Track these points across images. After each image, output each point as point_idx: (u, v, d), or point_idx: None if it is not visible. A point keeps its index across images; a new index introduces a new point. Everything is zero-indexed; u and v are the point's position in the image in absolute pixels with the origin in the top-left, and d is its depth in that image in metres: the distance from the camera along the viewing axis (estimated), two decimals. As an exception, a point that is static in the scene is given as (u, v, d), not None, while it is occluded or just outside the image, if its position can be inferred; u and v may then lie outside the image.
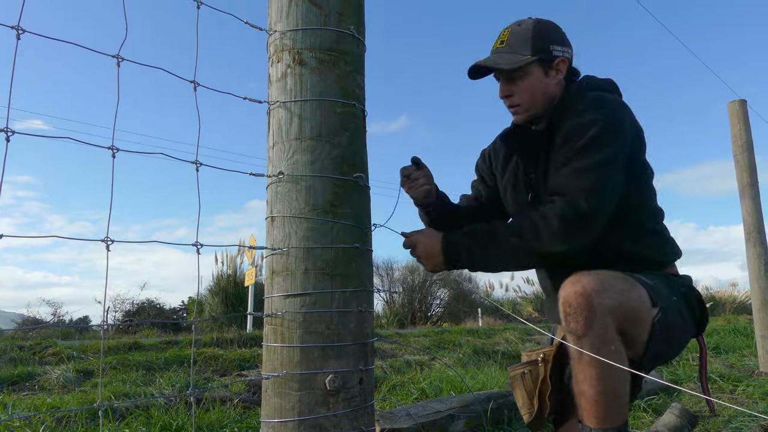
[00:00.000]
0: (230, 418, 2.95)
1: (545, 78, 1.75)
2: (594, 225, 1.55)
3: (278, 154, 1.35)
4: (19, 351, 6.04)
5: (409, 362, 5.77)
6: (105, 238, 1.06)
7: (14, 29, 0.94)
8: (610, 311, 1.43)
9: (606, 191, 1.56)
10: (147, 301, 14.39)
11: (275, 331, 1.30)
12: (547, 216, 1.54)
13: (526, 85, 1.75)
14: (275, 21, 1.41)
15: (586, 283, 1.45)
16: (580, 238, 1.55)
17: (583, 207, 1.52)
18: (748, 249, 4.75)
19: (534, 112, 1.78)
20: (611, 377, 1.43)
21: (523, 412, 1.81)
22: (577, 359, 1.47)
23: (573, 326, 1.45)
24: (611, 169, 1.58)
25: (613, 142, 1.60)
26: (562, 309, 1.48)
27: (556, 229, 1.52)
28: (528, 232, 1.56)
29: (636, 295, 1.51)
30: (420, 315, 16.31)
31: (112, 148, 1.07)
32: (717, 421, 2.88)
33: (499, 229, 1.62)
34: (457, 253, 1.65)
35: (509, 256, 1.61)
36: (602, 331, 1.42)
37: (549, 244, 1.54)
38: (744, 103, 4.96)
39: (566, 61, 1.77)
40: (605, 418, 1.45)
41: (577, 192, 1.54)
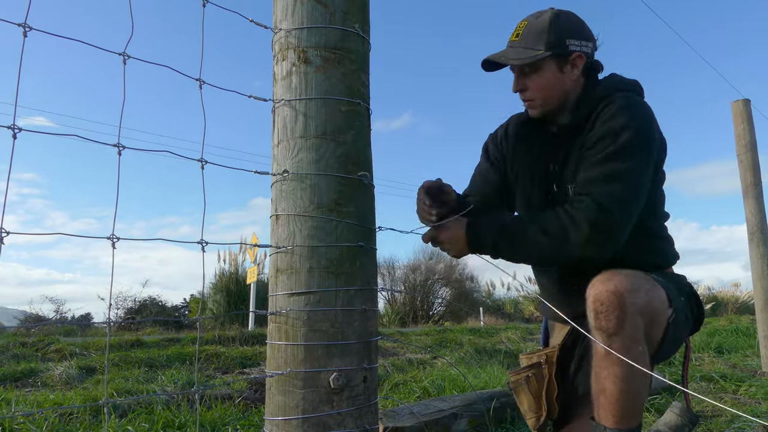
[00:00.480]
0: (233, 416, 2.96)
1: (560, 74, 1.70)
2: (623, 233, 1.54)
3: (283, 153, 1.35)
4: (22, 348, 6.05)
5: (411, 361, 5.77)
6: (111, 236, 1.06)
7: (21, 27, 0.94)
8: (640, 311, 1.43)
9: (636, 200, 1.56)
10: (149, 298, 14.42)
11: (279, 329, 1.30)
12: (577, 220, 1.51)
13: (539, 80, 1.70)
14: (280, 19, 1.41)
15: (618, 282, 1.44)
16: (610, 245, 1.53)
17: (615, 216, 1.50)
18: (752, 249, 4.74)
19: (549, 107, 1.74)
20: (635, 378, 1.43)
21: (529, 417, 1.80)
22: (603, 357, 1.46)
23: (604, 324, 1.43)
24: (641, 177, 1.57)
25: (644, 149, 1.58)
26: (593, 306, 1.46)
27: (588, 235, 1.50)
28: (557, 233, 1.53)
29: (658, 296, 1.51)
30: (422, 314, 16.32)
31: (118, 145, 1.07)
32: (719, 421, 2.87)
33: (526, 225, 1.59)
34: (481, 244, 1.64)
35: (535, 254, 1.60)
36: (633, 331, 1.42)
37: (578, 249, 1.52)
38: (748, 103, 4.94)
39: (583, 56, 1.71)
40: (623, 419, 1.44)
41: (608, 198, 1.51)
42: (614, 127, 1.58)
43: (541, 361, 1.79)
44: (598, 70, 1.79)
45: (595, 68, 1.78)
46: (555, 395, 1.74)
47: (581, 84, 1.74)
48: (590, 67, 1.76)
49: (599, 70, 1.80)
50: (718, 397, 3.62)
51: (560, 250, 1.54)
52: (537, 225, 1.57)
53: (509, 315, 17.10)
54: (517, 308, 17.80)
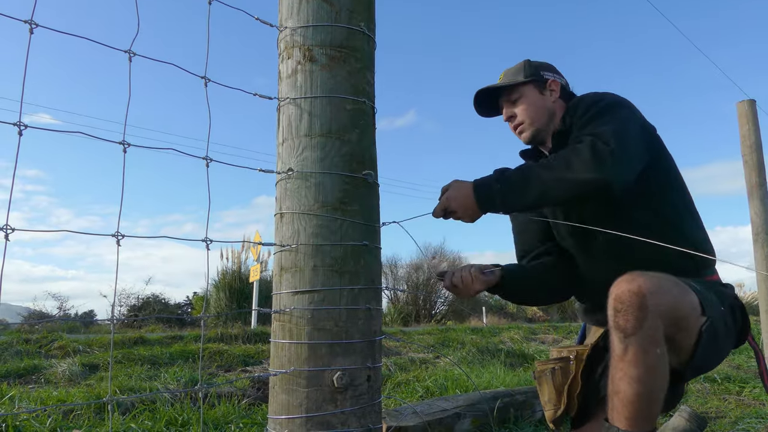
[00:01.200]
0: (236, 414, 2.96)
1: (541, 95, 1.93)
2: (624, 161, 1.57)
3: (288, 151, 1.35)
4: (26, 344, 6.07)
5: (413, 360, 5.77)
6: (115, 233, 1.06)
7: (27, 23, 0.94)
8: (661, 314, 1.40)
9: (630, 137, 1.62)
10: (152, 296, 14.46)
11: (283, 328, 1.30)
12: (578, 149, 1.58)
13: (525, 103, 1.92)
14: (286, 17, 1.40)
15: (642, 282, 1.41)
16: (611, 168, 1.54)
17: (612, 143, 1.55)
18: (756, 250, 4.72)
19: (537, 127, 1.92)
20: (651, 380, 1.40)
21: (548, 408, 1.80)
22: (620, 357, 1.43)
23: (622, 323, 1.41)
24: (629, 124, 1.67)
25: (622, 109, 1.72)
26: (613, 305, 1.44)
27: (588, 158, 1.54)
28: (559, 164, 1.59)
29: (688, 301, 1.48)
30: (424, 313, 16.32)
31: (123, 143, 1.07)
32: (724, 423, 2.86)
33: (530, 167, 1.64)
34: (490, 199, 1.65)
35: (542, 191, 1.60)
36: (651, 332, 1.39)
37: (581, 173, 1.54)
38: (753, 103, 4.92)
39: (558, 83, 1.94)
40: (636, 422, 1.41)
41: (603, 134, 1.59)
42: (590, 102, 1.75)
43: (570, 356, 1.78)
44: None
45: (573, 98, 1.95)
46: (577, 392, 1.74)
47: (563, 107, 1.93)
48: (569, 94, 1.98)
49: None
50: (721, 399, 3.61)
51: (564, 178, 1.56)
52: (539, 164, 1.63)
53: (512, 314, 17.07)
54: (519, 308, 17.77)
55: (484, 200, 1.65)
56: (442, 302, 17.28)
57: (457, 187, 1.70)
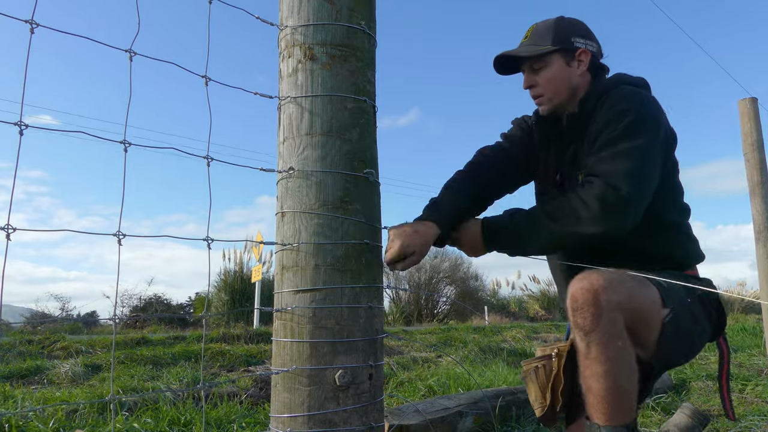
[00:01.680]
0: (238, 413, 2.96)
1: (567, 68, 1.77)
2: (634, 209, 1.53)
3: (289, 150, 1.35)
4: (28, 345, 6.08)
5: (415, 359, 5.77)
6: (117, 233, 1.06)
7: (28, 23, 0.94)
8: (618, 307, 1.42)
9: (645, 176, 1.56)
10: (154, 296, 14.46)
11: (285, 326, 1.30)
12: (586, 199, 1.53)
13: (548, 74, 1.77)
14: (286, 16, 1.41)
15: (594, 279, 1.44)
16: (620, 221, 1.53)
17: (623, 190, 1.50)
18: (758, 248, 4.71)
19: (557, 102, 1.79)
20: (619, 374, 1.43)
21: (536, 407, 1.81)
22: (585, 355, 1.46)
23: (580, 322, 1.44)
24: (649, 156, 1.58)
25: (649, 130, 1.61)
26: (570, 305, 1.47)
27: (597, 211, 1.51)
28: (568, 214, 1.56)
29: (645, 294, 1.50)
30: (426, 312, 16.31)
31: (124, 142, 1.07)
32: (726, 420, 2.86)
33: (537, 213, 1.62)
34: (497, 242, 1.67)
35: (549, 241, 1.61)
36: (609, 327, 1.41)
37: (588, 227, 1.53)
38: (755, 101, 4.91)
39: (588, 52, 1.78)
40: (613, 415, 1.44)
41: (616, 175, 1.52)
42: (616, 112, 1.63)
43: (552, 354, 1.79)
44: (604, 71, 1.85)
45: (601, 68, 1.84)
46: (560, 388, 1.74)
47: (588, 81, 1.80)
48: (597, 66, 1.82)
49: (606, 72, 1.86)
50: (724, 397, 3.60)
51: (573, 230, 1.55)
52: (546, 212, 1.60)
53: (514, 314, 17.06)
54: (521, 307, 17.77)
55: (491, 241, 1.68)
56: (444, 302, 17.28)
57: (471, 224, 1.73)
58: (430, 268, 16.91)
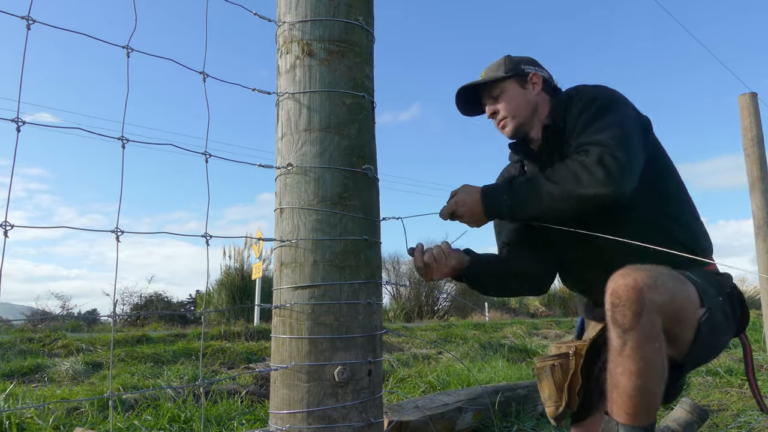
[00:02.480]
0: (238, 410, 2.96)
1: (523, 89, 1.91)
2: (629, 171, 1.57)
3: (287, 146, 1.35)
4: (29, 343, 6.09)
5: (416, 355, 5.78)
6: (115, 229, 1.06)
7: (24, 19, 0.94)
8: (659, 308, 1.39)
9: (632, 142, 1.62)
10: (155, 294, 14.48)
11: (284, 323, 1.30)
12: (585, 163, 1.58)
13: (506, 98, 1.91)
14: (284, 12, 1.40)
15: (638, 276, 1.40)
16: (619, 181, 1.55)
17: (619, 155, 1.56)
18: (758, 243, 4.71)
19: (519, 121, 1.90)
20: (650, 374, 1.40)
21: (548, 405, 1.79)
22: (618, 352, 1.43)
23: (620, 318, 1.40)
24: (628, 126, 1.66)
25: (621, 106, 1.72)
26: (610, 300, 1.43)
27: (597, 173, 1.55)
28: (568, 179, 1.59)
29: (686, 294, 1.48)
30: (427, 309, 16.31)
31: (122, 138, 1.07)
32: (726, 415, 2.87)
33: (537, 179, 1.65)
34: (497, 208, 1.69)
35: (550, 205, 1.63)
36: (649, 327, 1.38)
37: (590, 188, 1.56)
38: (755, 96, 4.90)
39: (540, 76, 1.93)
40: (636, 415, 1.41)
41: (608, 141, 1.59)
42: (586, 101, 1.74)
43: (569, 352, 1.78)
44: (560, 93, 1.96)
45: (557, 90, 1.97)
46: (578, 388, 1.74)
47: (547, 100, 1.93)
48: (552, 88, 1.96)
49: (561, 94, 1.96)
50: (723, 392, 3.61)
51: (573, 193, 1.57)
52: (547, 178, 1.63)
53: (514, 310, 17.07)
54: (522, 303, 17.78)
55: (492, 208, 1.70)
56: (445, 298, 17.29)
57: (466, 192, 1.74)
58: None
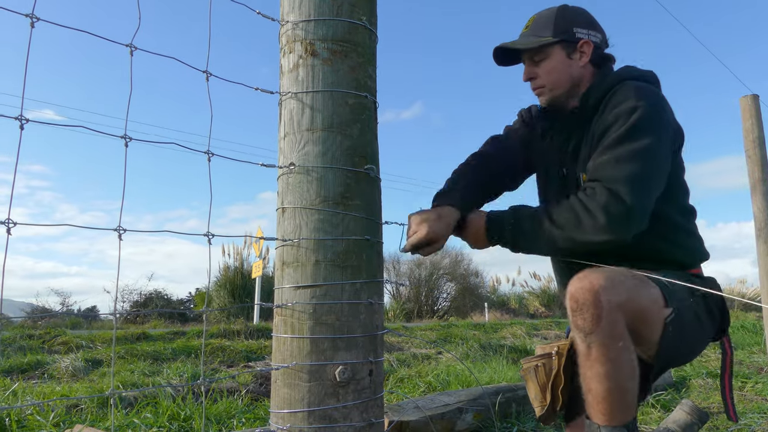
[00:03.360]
0: (238, 409, 2.96)
1: (568, 60, 1.73)
2: (637, 218, 1.50)
3: (290, 145, 1.35)
4: (29, 340, 6.09)
5: (415, 356, 5.78)
6: (117, 227, 1.06)
7: (29, 17, 0.94)
8: (619, 308, 1.40)
9: (650, 182, 1.53)
10: (155, 292, 14.48)
11: (285, 322, 1.30)
12: (590, 207, 1.50)
13: (548, 66, 1.74)
14: (287, 11, 1.40)
15: (594, 279, 1.42)
16: (624, 230, 1.50)
17: (627, 200, 1.47)
18: (759, 245, 4.71)
19: (557, 93, 1.76)
20: (619, 375, 1.42)
21: (535, 405, 1.80)
22: (585, 356, 1.45)
23: (580, 323, 1.42)
24: (655, 159, 1.54)
25: (656, 130, 1.56)
26: (569, 305, 1.45)
27: (600, 221, 1.48)
28: (571, 223, 1.53)
29: (646, 293, 1.48)
30: (426, 309, 16.31)
31: (125, 137, 1.07)
32: (725, 418, 2.86)
33: (541, 217, 1.59)
34: (499, 238, 1.66)
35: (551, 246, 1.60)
36: (610, 328, 1.40)
37: (592, 236, 1.51)
38: (756, 98, 4.90)
39: (591, 44, 1.74)
40: (613, 415, 1.43)
41: (619, 182, 1.49)
42: (623, 110, 1.58)
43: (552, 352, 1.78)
44: (610, 62, 1.81)
45: (606, 59, 1.79)
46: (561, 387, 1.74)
47: (591, 73, 1.76)
48: (601, 57, 1.77)
49: (611, 62, 1.81)
50: (723, 394, 3.60)
51: (576, 238, 1.53)
52: (550, 217, 1.57)
53: (514, 310, 17.07)
54: (522, 304, 17.77)
55: (494, 236, 1.67)
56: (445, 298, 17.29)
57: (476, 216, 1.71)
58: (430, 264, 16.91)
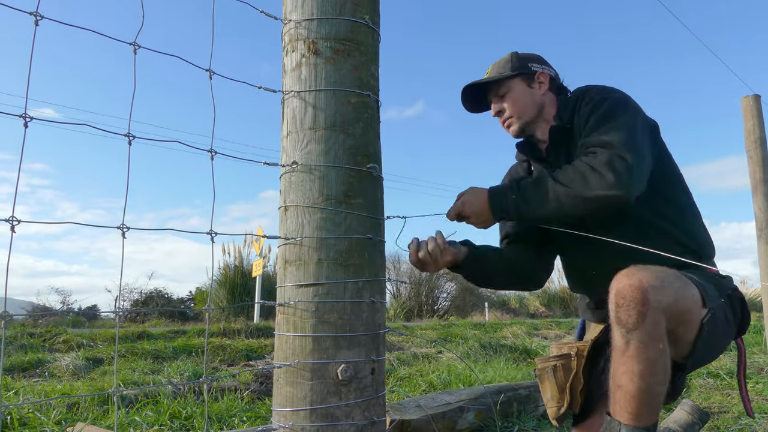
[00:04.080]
0: (239, 407, 2.97)
1: (529, 89, 1.91)
2: (638, 174, 1.57)
3: (292, 144, 1.35)
4: (30, 338, 6.10)
5: (416, 355, 5.78)
6: (121, 225, 1.06)
7: (33, 15, 0.94)
8: (664, 309, 1.39)
9: (642, 146, 1.62)
10: (155, 290, 14.50)
11: (287, 321, 1.31)
12: (594, 165, 1.57)
13: (513, 97, 1.90)
14: (290, 10, 1.40)
15: (643, 277, 1.41)
16: (627, 185, 1.54)
17: (628, 158, 1.55)
18: (760, 246, 4.71)
19: (525, 120, 1.91)
20: (653, 375, 1.40)
21: (550, 406, 1.79)
22: (622, 352, 1.43)
23: (624, 318, 1.40)
24: (638, 128, 1.66)
25: (628, 110, 1.70)
26: (614, 300, 1.43)
27: (606, 176, 1.54)
28: (577, 181, 1.58)
29: (690, 294, 1.48)
30: (427, 308, 16.33)
31: (128, 135, 1.07)
32: (727, 417, 2.87)
33: (544, 180, 1.64)
34: (504, 209, 1.68)
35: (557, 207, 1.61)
36: (653, 328, 1.38)
37: (598, 191, 1.55)
38: (758, 98, 4.90)
39: (547, 74, 1.92)
40: (638, 416, 1.41)
41: (617, 144, 1.58)
42: (595, 102, 1.73)
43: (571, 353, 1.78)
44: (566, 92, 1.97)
45: (563, 89, 1.97)
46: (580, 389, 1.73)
47: (553, 99, 1.92)
48: (558, 87, 1.96)
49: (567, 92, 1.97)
50: (725, 394, 3.61)
51: (581, 195, 1.56)
52: (555, 179, 1.62)
53: (514, 310, 17.08)
54: (522, 303, 17.79)
55: (499, 209, 1.69)
56: (445, 298, 17.30)
57: (473, 193, 1.74)
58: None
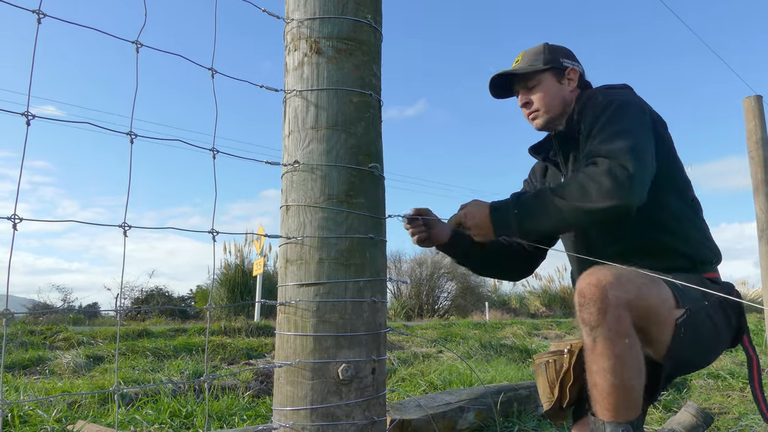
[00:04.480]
0: (239, 406, 2.97)
1: (559, 84, 1.90)
2: (639, 183, 1.54)
3: (294, 143, 1.35)
4: (30, 336, 6.11)
5: (416, 354, 5.79)
6: (122, 224, 1.06)
7: (35, 13, 0.94)
8: (625, 304, 1.42)
9: (644, 154, 1.60)
10: (156, 288, 14.51)
11: (288, 320, 1.30)
12: (594, 176, 1.55)
13: (542, 90, 1.89)
14: (293, 9, 1.40)
15: (601, 275, 1.44)
16: (628, 195, 1.52)
17: (629, 166, 1.52)
18: (761, 246, 4.70)
19: (551, 115, 1.90)
20: (623, 370, 1.42)
21: (543, 401, 1.81)
22: (591, 350, 1.46)
23: (586, 317, 1.44)
24: (641, 133, 1.64)
25: (634, 113, 1.69)
26: (577, 300, 1.47)
27: (606, 186, 1.52)
28: (576, 192, 1.56)
29: (656, 292, 1.49)
30: (427, 308, 16.33)
31: (130, 133, 1.07)
32: (727, 419, 2.87)
33: (545, 193, 1.63)
34: (506, 225, 1.67)
35: (559, 220, 1.61)
36: (615, 323, 1.41)
37: (598, 202, 1.53)
38: (760, 99, 4.89)
39: (577, 71, 1.92)
40: (617, 412, 1.44)
41: (618, 152, 1.56)
42: (601, 105, 1.72)
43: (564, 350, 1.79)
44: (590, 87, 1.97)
45: (588, 86, 1.98)
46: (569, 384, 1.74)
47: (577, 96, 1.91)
48: (584, 84, 1.96)
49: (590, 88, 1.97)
50: (725, 395, 3.61)
51: (584, 209, 1.55)
52: (555, 190, 1.61)
53: (515, 310, 17.08)
54: (522, 303, 17.79)
55: (500, 225, 1.68)
56: (446, 297, 17.30)
57: (476, 206, 1.73)
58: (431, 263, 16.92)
